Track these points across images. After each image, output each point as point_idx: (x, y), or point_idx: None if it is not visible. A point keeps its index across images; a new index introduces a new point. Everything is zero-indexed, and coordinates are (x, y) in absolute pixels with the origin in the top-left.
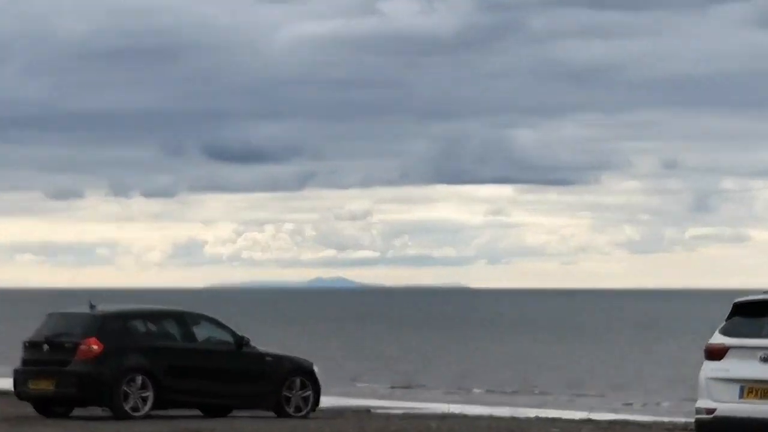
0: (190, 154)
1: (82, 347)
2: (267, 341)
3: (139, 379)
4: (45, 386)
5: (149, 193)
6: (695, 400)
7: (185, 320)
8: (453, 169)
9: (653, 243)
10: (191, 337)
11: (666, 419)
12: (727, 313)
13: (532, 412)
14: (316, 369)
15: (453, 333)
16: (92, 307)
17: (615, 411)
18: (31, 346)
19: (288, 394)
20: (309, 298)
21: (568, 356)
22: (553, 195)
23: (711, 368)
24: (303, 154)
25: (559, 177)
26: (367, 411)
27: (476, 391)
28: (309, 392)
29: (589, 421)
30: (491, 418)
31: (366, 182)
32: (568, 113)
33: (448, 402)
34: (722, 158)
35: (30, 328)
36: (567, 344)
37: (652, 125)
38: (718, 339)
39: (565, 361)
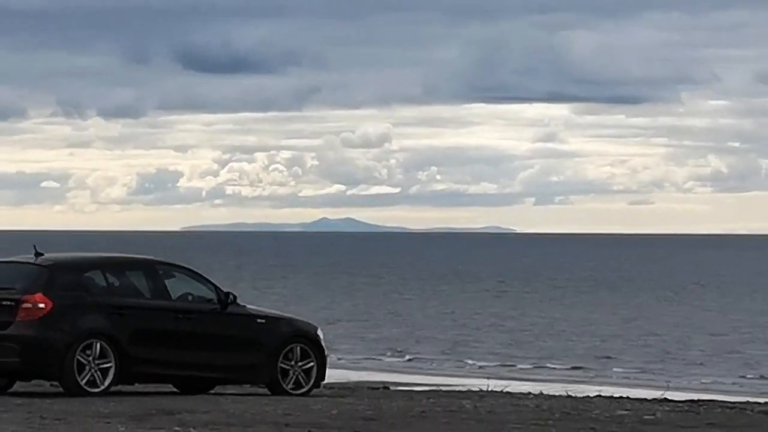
0: (159, 63)
1: (25, 305)
2: (258, 299)
3: (97, 346)
4: None
5: (108, 113)
6: None
7: (156, 272)
8: (493, 83)
9: (746, 178)
10: (163, 293)
11: (762, 399)
12: None
13: (591, 390)
14: (321, 334)
15: (477, 288)
16: (37, 254)
17: (692, 389)
18: None
19: (285, 366)
20: (311, 244)
21: (623, 320)
22: (619, 116)
23: None
24: (302, 63)
25: (628, 94)
26: (384, 388)
27: (470, 362)
28: (312, 363)
29: (664, 401)
30: (542, 397)
31: (383, 99)
32: (639, 11)
33: (485, 376)
34: None
35: None
36: (628, 306)
37: (746, 28)
38: None
39: (617, 325)
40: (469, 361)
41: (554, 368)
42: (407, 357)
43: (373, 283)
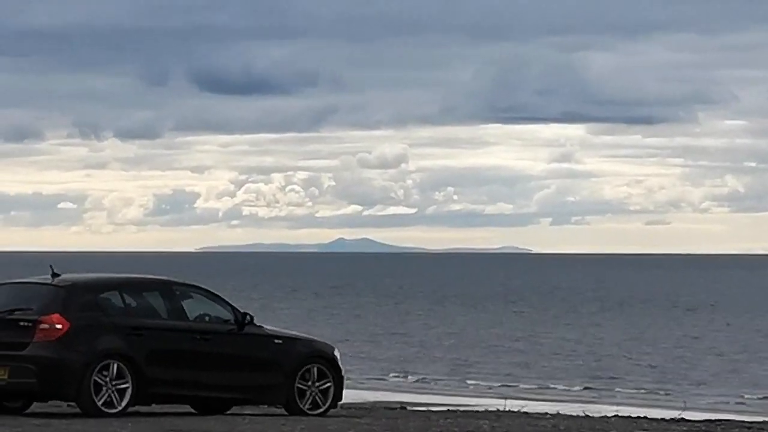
0: (176, 84)
1: (42, 326)
2: (275, 320)
3: (114, 367)
4: None
5: (125, 134)
6: None
7: (173, 292)
8: (509, 104)
9: (762, 198)
10: (180, 313)
11: None
12: None
13: (608, 410)
14: (338, 355)
15: (489, 309)
16: (54, 275)
17: (708, 409)
18: None
19: (302, 386)
20: (327, 264)
21: (633, 340)
22: (635, 137)
23: None
24: (319, 84)
25: (644, 114)
26: (401, 408)
27: (471, 383)
28: (329, 384)
29: (681, 420)
30: (559, 417)
31: (399, 120)
32: (655, 32)
33: (500, 396)
34: None
35: None
36: (639, 326)
37: (763, 48)
38: None
39: (621, 347)
40: (471, 382)
41: (556, 388)
42: (410, 377)
43: (384, 303)
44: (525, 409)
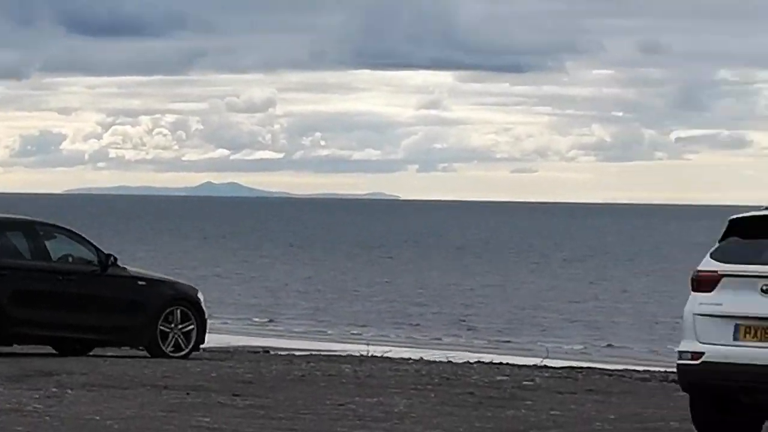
0: (43, 25)
1: None
2: (139, 261)
3: None
4: None
5: None
6: (678, 343)
7: (36, 232)
8: (378, 50)
9: (629, 147)
10: (43, 253)
11: (639, 367)
12: (721, 234)
13: (471, 357)
14: (201, 297)
15: (345, 256)
16: None
17: (571, 356)
18: None
19: (165, 329)
20: (193, 208)
21: (496, 288)
22: (503, 84)
23: (699, 302)
24: (188, 27)
25: (512, 62)
26: (264, 351)
27: (324, 329)
28: (192, 326)
29: (544, 367)
30: (422, 363)
31: (268, 64)
32: None
33: (363, 342)
34: (715, 42)
35: None
36: (502, 272)
37: None
38: (708, 265)
39: (492, 295)
40: (322, 328)
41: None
42: (270, 323)
43: (245, 248)
44: (388, 354)
